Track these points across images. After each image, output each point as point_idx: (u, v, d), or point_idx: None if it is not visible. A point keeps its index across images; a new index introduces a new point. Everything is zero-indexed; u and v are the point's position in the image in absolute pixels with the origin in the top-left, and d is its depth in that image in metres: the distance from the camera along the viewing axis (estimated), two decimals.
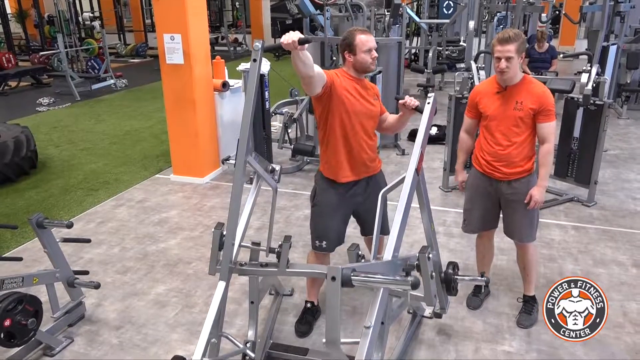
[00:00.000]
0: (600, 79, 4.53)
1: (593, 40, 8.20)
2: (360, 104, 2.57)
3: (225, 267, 2.25)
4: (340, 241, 2.77)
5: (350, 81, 2.57)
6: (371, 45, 2.53)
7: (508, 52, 2.53)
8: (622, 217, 4.22)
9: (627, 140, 6.32)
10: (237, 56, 14.58)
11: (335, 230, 2.72)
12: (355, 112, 2.56)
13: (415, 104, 2.53)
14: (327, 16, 5.44)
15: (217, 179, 5.27)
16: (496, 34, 2.83)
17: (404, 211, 2.07)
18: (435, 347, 2.72)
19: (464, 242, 3.74)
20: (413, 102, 2.53)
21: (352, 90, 2.55)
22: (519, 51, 2.54)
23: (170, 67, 4.86)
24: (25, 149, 5.38)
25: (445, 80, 9.78)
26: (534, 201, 2.67)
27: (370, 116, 2.64)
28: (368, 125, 2.64)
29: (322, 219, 2.72)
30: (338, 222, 2.72)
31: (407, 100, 2.53)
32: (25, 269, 3.50)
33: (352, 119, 2.56)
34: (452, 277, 2.40)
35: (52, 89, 10.28)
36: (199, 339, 2.05)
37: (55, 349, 2.72)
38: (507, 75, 2.59)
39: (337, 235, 2.74)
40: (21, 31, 15.95)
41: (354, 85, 2.57)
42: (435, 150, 5.97)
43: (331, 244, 2.74)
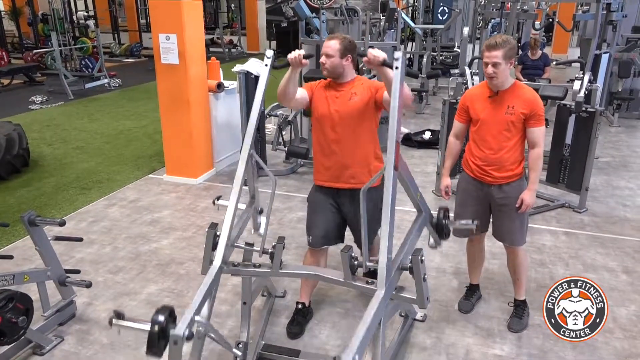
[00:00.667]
0: (593, 86, 4.58)
1: (585, 48, 8.29)
2: (325, 109, 2.60)
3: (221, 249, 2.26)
4: (327, 240, 2.78)
5: (325, 88, 2.65)
6: (322, 50, 2.56)
7: (494, 57, 2.56)
8: (612, 223, 4.26)
9: (618, 147, 6.38)
10: (232, 58, 14.58)
11: (320, 227, 2.75)
12: (321, 116, 2.63)
13: (380, 58, 2.24)
14: (322, 19, 5.46)
15: (211, 180, 5.26)
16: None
17: (390, 211, 2.01)
18: (427, 350, 2.74)
19: (456, 246, 3.76)
20: (377, 57, 2.24)
21: (322, 97, 2.63)
22: (507, 57, 2.56)
23: (165, 67, 4.86)
24: (18, 146, 5.34)
25: (439, 85, 9.84)
26: (525, 205, 2.70)
27: (340, 121, 2.56)
28: (338, 130, 2.58)
29: (310, 214, 2.83)
30: (324, 220, 2.75)
31: (370, 57, 2.25)
32: (16, 267, 3.48)
33: (320, 122, 2.64)
34: (444, 222, 2.55)
35: (45, 87, 10.21)
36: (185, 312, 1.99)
37: (45, 348, 2.70)
38: (495, 81, 2.63)
39: (324, 233, 2.75)
40: (14, 29, 15.84)
41: (328, 91, 2.63)
42: (429, 155, 6.00)
43: (315, 240, 2.77)
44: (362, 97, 2.57)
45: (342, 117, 2.58)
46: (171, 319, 1.87)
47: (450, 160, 2.98)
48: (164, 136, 5.19)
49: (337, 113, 2.58)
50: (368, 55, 2.27)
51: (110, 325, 1.89)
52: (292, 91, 2.52)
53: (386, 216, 2.01)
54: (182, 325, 1.84)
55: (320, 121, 2.64)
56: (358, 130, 2.60)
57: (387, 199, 2.02)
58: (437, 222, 2.56)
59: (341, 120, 2.58)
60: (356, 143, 2.61)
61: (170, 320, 1.85)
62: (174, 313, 1.90)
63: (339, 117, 2.58)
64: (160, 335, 1.81)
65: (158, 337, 1.81)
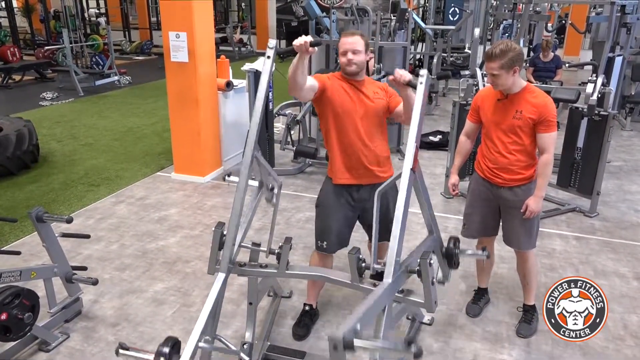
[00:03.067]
0: (606, 89, 4.52)
1: (598, 51, 8.20)
2: (350, 103, 2.55)
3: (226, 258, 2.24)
4: (342, 244, 2.75)
5: (341, 81, 2.58)
6: (346, 47, 2.50)
7: (492, 69, 2.53)
8: (623, 228, 4.20)
9: (630, 152, 6.30)
10: (242, 57, 14.59)
11: (336, 232, 2.71)
12: (344, 112, 2.55)
13: (407, 78, 2.31)
14: (333, 19, 5.44)
15: (219, 179, 5.25)
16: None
17: (403, 213, 2.02)
18: (434, 354, 2.70)
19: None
20: (403, 76, 2.31)
21: (341, 90, 2.55)
22: (506, 67, 2.50)
23: (174, 65, 4.86)
24: (28, 142, 5.37)
25: (450, 86, 9.78)
26: (530, 211, 2.65)
27: (366, 115, 2.56)
28: (363, 125, 2.57)
29: (323, 220, 2.72)
30: (339, 224, 2.70)
31: (397, 76, 2.32)
32: (23, 263, 3.48)
33: (343, 118, 2.56)
34: (454, 252, 2.46)
35: (55, 83, 10.28)
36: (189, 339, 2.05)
37: (51, 345, 2.70)
38: (497, 88, 2.61)
39: (338, 238, 2.72)
40: (27, 25, 15.96)
41: (346, 85, 2.57)
42: (438, 157, 5.95)
43: (331, 246, 2.72)
44: (384, 97, 2.60)
45: (368, 114, 2.57)
46: (174, 351, 1.94)
47: (460, 158, 2.94)
48: (172, 134, 5.19)
49: (364, 109, 2.56)
50: (395, 75, 2.32)
51: (117, 355, 1.99)
52: (301, 79, 2.35)
53: (399, 216, 2.01)
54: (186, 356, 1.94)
55: (344, 117, 2.56)
56: (380, 128, 2.63)
57: (401, 200, 2.02)
58: (447, 250, 2.47)
59: (367, 118, 2.57)
60: (379, 140, 2.63)
61: (174, 352, 1.93)
62: (179, 344, 1.97)
63: (365, 114, 2.56)
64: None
65: None
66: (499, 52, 2.49)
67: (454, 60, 10.49)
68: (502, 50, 2.50)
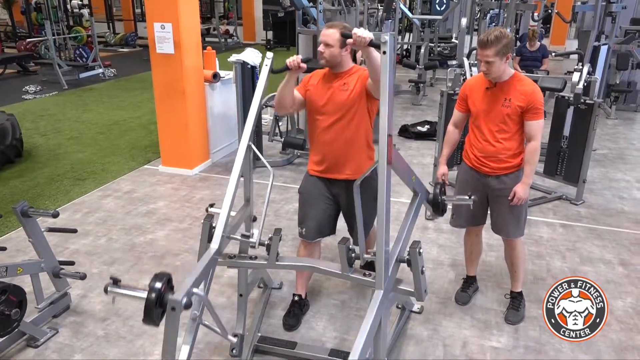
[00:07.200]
0: (591, 78, 4.55)
1: (583, 40, 8.25)
2: (319, 100, 2.58)
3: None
4: (321, 232, 2.75)
5: (317, 80, 2.62)
6: (320, 39, 2.51)
7: (487, 57, 2.52)
8: (609, 216, 4.26)
9: (615, 140, 6.38)
10: (228, 48, 14.46)
11: (314, 218, 2.72)
12: (315, 108, 2.61)
13: (367, 38, 2.06)
14: (319, 9, 5.39)
15: (206, 171, 5.22)
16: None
17: (385, 205, 1.95)
18: (424, 342, 2.73)
19: (454, 237, 3.75)
20: (363, 37, 2.06)
21: (317, 88, 2.61)
22: (500, 53, 2.51)
23: (160, 56, 4.80)
24: (11, 137, 5.28)
25: (437, 76, 9.79)
26: (518, 198, 2.68)
27: (336, 109, 2.54)
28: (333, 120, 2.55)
29: (302, 207, 2.79)
30: (317, 211, 2.72)
31: (356, 38, 2.07)
32: (9, 259, 3.44)
33: (315, 114, 2.62)
34: (439, 198, 2.51)
35: (39, 77, 10.10)
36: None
37: (39, 340, 2.68)
38: (490, 76, 2.61)
39: (317, 225, 2.72)
40: (7, 17, 15.65)
41: (322, 82, 2.60)
42: (426, 147, 5.98)
43: (309, 232, 2.73)
44: (353, 87, 2.52)
45: (334, 108, 2.55)
46: (169, 287, 1.82)
47: (448, 148, 2.95)
48: (159, 127, 5.14)
49: (329, 104, 2.56)
50: (353, 36, 2.09)
51: (105, 293, 1.82)
52: (288, 99, 2.52)
53: (381, 213, 1.96)
54: (181, 292, 1.80)
55: (314, 113, 2.62)
56: (350, 122, 2.56)
57: (381, 196, 1.96)
58: (434, 198, 2.52)
59: (333, 112, 2.55)
60: (349, 134, 2.57)
61: (168, 287, 1.82)
62: (172, 281, 1.86)
63: (331, 109, 2.55)
64: (158, 302, 1.75)
65: (155, 305, 1.75)
66: (494, 38, 2.49)
67: (441, 50, 10.50)
68: (497, 36, 2.49)
